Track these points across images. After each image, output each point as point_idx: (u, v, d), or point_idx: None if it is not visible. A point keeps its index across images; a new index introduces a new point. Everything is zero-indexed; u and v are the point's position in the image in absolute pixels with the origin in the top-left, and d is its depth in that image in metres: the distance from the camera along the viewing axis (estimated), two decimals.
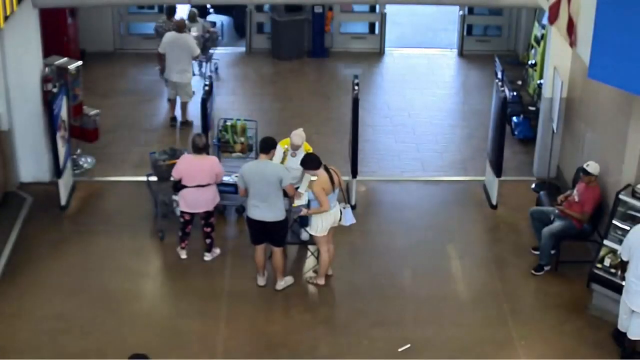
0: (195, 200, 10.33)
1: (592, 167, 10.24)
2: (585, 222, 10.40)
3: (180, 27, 14.12)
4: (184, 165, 10.27)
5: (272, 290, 10.19)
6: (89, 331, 9.50)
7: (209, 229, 10.63)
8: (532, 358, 9.28)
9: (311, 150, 10.63)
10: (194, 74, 15.35)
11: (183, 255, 10.76)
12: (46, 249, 10.90)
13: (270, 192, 9.63)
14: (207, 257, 10.74)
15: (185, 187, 10.27)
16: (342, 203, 10.08)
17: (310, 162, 9.78)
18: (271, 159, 9.89)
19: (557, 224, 10.46)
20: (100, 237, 11.24)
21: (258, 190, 9.63)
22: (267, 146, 9.74)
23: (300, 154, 10.44)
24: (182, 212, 10.49)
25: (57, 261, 10.71)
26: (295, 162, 10.44)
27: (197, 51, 14.22)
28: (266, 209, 9.69)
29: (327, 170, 9.79)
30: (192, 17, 15.86)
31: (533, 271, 10.55)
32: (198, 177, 10.23)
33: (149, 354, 6.92)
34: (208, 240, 10.70)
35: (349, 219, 10.06)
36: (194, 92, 14.45)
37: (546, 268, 10.55)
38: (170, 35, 14.12)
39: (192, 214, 10.51)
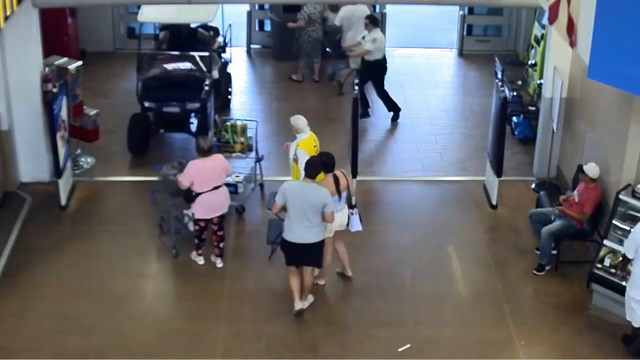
0: (213, 204, 10.12)
1: (591, 170, 10.20)
2: (585, 222, 10.40)
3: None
4: (195, 171, 10.00)
5: (271, 290, 10.19)
6: (89, 331, 9.49)
7: (221, 232, 10.43)
8: (532, 358, 9.28)
9: (315, 144, 10.62)
10: None
11: (201, 261, 10.58)
12: (46, 249, 10.89)
13: (311, 216, 9.30)
14: (220, 263, 10.52)
15: (198, 194, 10.04)
16: (353, 209, 10.06)
17: (324, 166, 9.66)
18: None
19: (557, 224, 10.45)
20: (101, 237, 11.24)
21: (299, 213, 9.28)
22: (314, 172, 9.38)
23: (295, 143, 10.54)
24: (197, 219, 10.25)
25: (57, 261, 10.70)
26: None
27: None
28: (305, 231, 9.33)
29: (334, 175, 9.69)
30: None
31: (534, 271, 10.55)
32: (214, 180, 10.08)
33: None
34: (221, 244, 10.49)
35: (356, 225, 10.03)
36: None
37: (547, 268, 10.55)
38: (346, 9, 15.09)
39: (206, 220, 10.29)
